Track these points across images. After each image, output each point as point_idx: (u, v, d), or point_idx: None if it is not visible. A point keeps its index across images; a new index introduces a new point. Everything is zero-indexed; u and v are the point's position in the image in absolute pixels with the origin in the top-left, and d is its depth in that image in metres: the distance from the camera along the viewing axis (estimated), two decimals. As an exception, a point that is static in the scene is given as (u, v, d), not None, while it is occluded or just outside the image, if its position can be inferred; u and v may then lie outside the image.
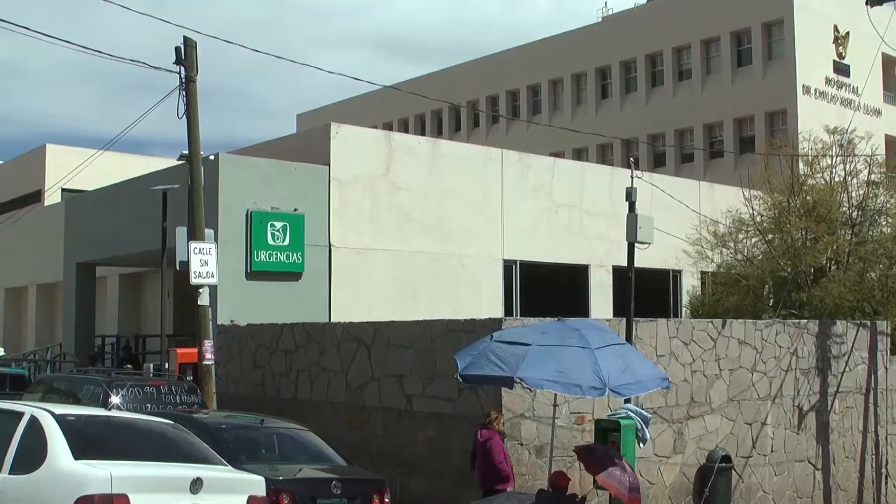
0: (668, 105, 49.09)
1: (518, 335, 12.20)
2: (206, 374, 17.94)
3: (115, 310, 36.31)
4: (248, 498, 9.47)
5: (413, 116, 61.26)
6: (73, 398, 17.01)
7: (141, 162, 41.74)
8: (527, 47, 56.25)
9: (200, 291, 17.99)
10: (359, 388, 17.15)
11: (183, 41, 18.14)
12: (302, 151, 24.98)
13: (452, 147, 28.99)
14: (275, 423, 13.66)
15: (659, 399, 15.93)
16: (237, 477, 9.89)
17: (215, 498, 9.09)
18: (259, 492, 9.70)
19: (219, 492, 9.21)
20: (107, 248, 28.88)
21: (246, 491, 9.55)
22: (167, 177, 24.27)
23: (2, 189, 50.23)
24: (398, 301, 24.57)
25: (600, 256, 29.25)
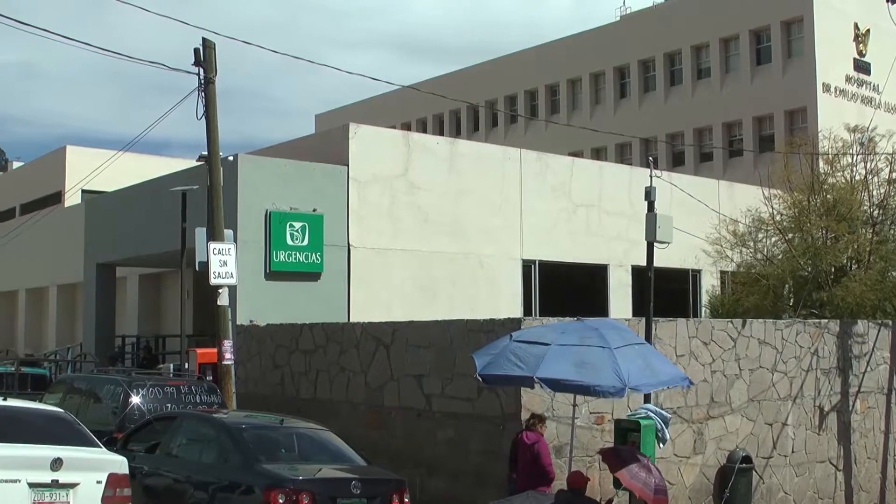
0: (687, 104, 48.93)
1: (537, 335, 12.16)
2: (226, 374, 17.97)
3: (135, 310, 36.47)
4: (109, 475, 10.67)
5: (431, 116, 61.28)
6: (94, 398, 17.09)
7: (160, 163, 41.92)
8: (545, 46, 56.18)
9: (220, 292, 18.02)
10: (378, 388, 17.15)
11: (202, 42, 18.18)
12: (320, 152, 25.01)
13: (471, 147, 28.97)
14: (294, 423, 13.67)
15: (678, 399, 15.87)
16: (98, 457, 10.95)
17: (75, 475, 10.32)
18: (119, 470, 10.88)
19: (79, 469, 10.41)
20: (127, 249, 29.00)
21: (106, 469, 10.75)
22: (186, 178, 24.35)
23: (23, 190, 50.53)
24: (417, 301, 24.57)
25: (619, 256, 29.17)
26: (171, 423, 13.47)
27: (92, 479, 10.51)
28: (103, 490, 10.52)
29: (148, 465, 12.89)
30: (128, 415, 15.63)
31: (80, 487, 10.34)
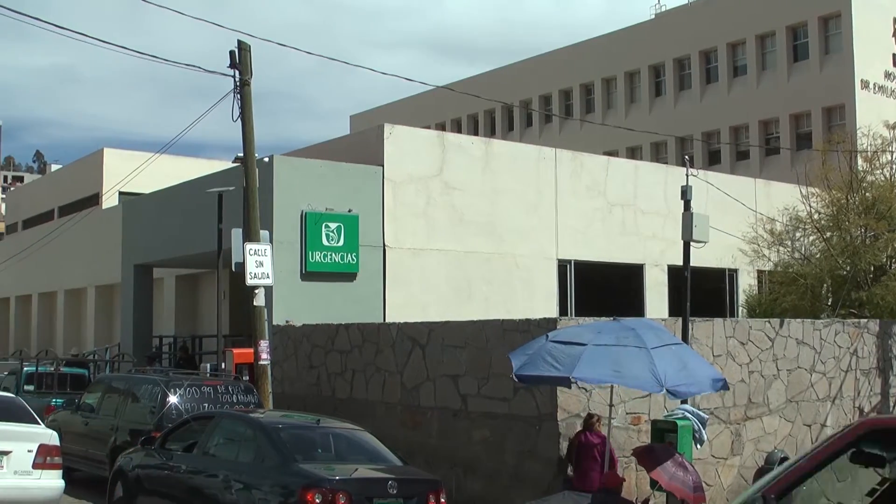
0: (722, 102, 48.64)
1: (573, 335, 12.13)
2: (262, 373, 18.07)
3: (172, 310, 36.71)
4: (39, 445, 12.63)
5: (466, 116, 61.29)
6: (132, 398, 17.24)
7: (196, 164, 42.20)
8: (579, 46, 56.05)
9: (256, 292, 18.12)
10: (414, 388, 17.17)
11: (237, 45, 18.29)
12: (355, 152, 25.07)
13: (506, 147, 28.92)
14: (331, 423, 13.70)
15: (716, 400, 15.77)
16: (30, 431, 12.85)
17: (7, 444, 12.30)
18: (49, 441, 12.88)
19: (11, 440, 12.32)
20: (163, 250, 29.20)
21: (37, 440, 12.68)
22: (222, 179, 24.48)
23: (61, 193, 51.04)
24: (452, 301, 24.57)
25: (655, 256, 29.03)
26: (209, 423, 13.53)
27: (23, 448, 12.38)
28: (34, 457, 12.42)
29: (185, 464, 12.97)
30: (165, 414, 15.75)
31: (12, 455, 12.26)
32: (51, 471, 12.62)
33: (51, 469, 12.60)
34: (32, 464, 12.35)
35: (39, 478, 12.47)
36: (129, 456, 14.31)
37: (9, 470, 12.06)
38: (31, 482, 12.31)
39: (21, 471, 12.27)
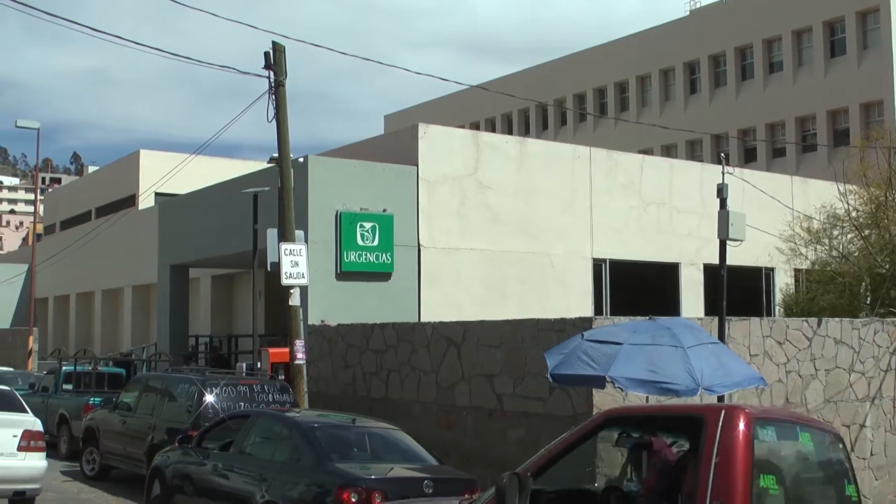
0: (758, 99, 48.29)
1: (609, 334, 12.06)
2: (298, 373, 18.12)
3: (208, 310, 36.96)
4: (23, 431, 13.96)
5: (500, 115, 61.23)
6: (169, 396, 17.36)
7: (232, 165, 42.46)
8: (613, 44, 55.85)
9: (291, 292, 18.18)
10: (449, 387, 17.16)
11: (271, 46, 18.35)
12: (390, 152, 25.11)
13: (540, 146, 28.88)
14: (366, 423, 13.72)
15: (752, 400, 15.64)
16: (16, 418, 14.16)
17: None
18: (33, 427, 14.26)
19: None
20: (199, 250, 29.38)
21: (21, 426, 14.01)
22: (257, 179, 24.60)
23: (98, 194, 51.49)
24: (487, 300, 24.55)
25: (691, 254, 28.87)
26: (245, 422, 13.60)
27: (9, 433, 13.77)
28: (18, 441, 13.78)
29: (222, 463, 13.04)
30: (202, 413, 15.84)
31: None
32: (34, 453, 14.04)
33: (34, 451, 14.02)
34: (17, 447, 13.72)
35: (24, 459, 13.83)
36: (166, 454, 14.40)
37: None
38: (16, 462, 13.72)
39: (6, 453, 13.66)
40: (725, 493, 5.94)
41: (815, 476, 7.13)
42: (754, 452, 6.17)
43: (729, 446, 6.07)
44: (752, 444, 6.16)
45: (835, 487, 7.09)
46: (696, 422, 6.37)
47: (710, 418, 6.25)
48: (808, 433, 6.99)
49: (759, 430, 6.36)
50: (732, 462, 6.02)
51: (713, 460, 6.04)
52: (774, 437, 6.58)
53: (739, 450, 6.07)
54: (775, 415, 7.31)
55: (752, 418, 6.29)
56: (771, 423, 6.62)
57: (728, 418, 6.20)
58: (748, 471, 6.05)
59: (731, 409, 6.38)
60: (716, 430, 6.16)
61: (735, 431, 6.13)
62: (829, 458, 7.20)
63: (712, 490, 5.97)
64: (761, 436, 6.37)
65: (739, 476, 5.99)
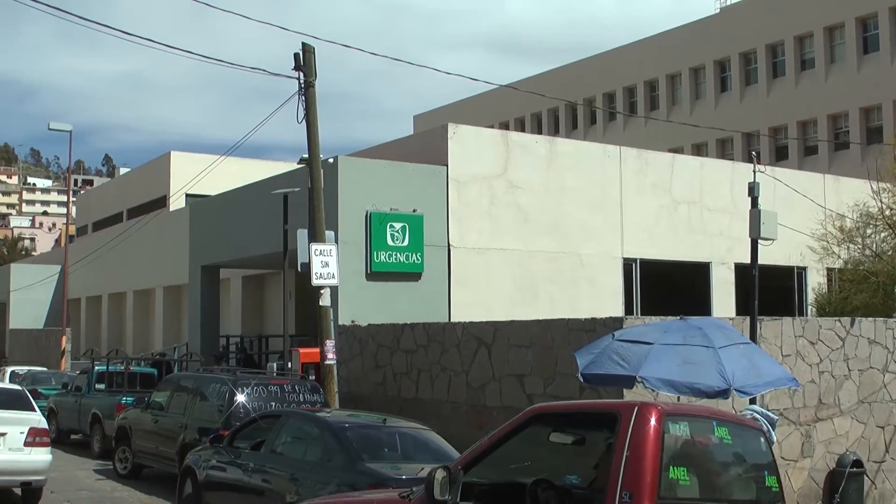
0: (790, 96, 47.94)
1: (640, 334, 12.00)
2: (329, 373, 18.16)
3: (239, 311, 37.12)
4: (29, 428, 15.25)
5: (529, 115, 61.15)
6: (201, 396, 17.45)
7: (262, 166, 42.63)
8: (643, 42, 55.64)
9: (322, 292, 18.22)
10: (480, 387, 17.16)
11: (301, 47, 18.40)
12: (419, 152, 25.13)
13: (570, 145, 28.80)
14: (397, 423, 13.73)
15: (785, 400, 15.54)
16: (23, 416, 15.50)
17: (3, 427, 15.00)
18: (38, 425, 15.52)
19: (7, 424, 15.07)
20: (230, 251, 29.51)
21: (28, 424, 15.32)
22: (288, 180, 24.68)
23: (130, 195, 51.86)
24: (517, 300, 24.53)
25: (722, 254, 28.71)
26: (276, 422, 13.64)
27: (17, 430, 15.15)
28: (25, 437, 15.14)
29: (253, 462, 13.09)
30: (233, 413, 15.91)
31: (8, 435, 15.06)
32: (39, 448, 15.36)
33: (39, 446, 15.35)
34: (24, 442, 15.13)
35: (30, 453, 15.23)
36: (197, 453, 14.47)
37: (4, 447, 15.00)
38: (23, 457, 15.15)
39: (14, 448, 15.09)
40: (634, 484, 6.27)
41: (734, 468, 7.48)
42: (664, 446, 6.49)
43: (639, 440, 6.41)
44: (661, 438, 6.48)
45: (755, 479, 7.49)
46: (612, 417, 6.70)
47: (623, 414, 6.60)
48: (726, 428, 7.32)
49: (671, 425, 6.68)
50: (641, 455, 6.36)
51: (624, 453, 6.37)
52: (687, 432, 6.86)
53: (649, 443, 6.41)
54: (689, 410, 7.62)
55: (663, 414, 6.61)
56: (684, 418, 6.94)
57: (640, 414, 6.54)
58: (656, 463, 6.38)
59: (643, 405, 6.68)
60: (628, 426, 6.49)
61: (646, 426, 6.47)
62: (748, 452, 7.54)
63: (623, 481, 6.30)
64: (673, 430, 6.68)
65: (648, 468, 6.33)
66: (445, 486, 6.86)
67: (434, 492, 6.88)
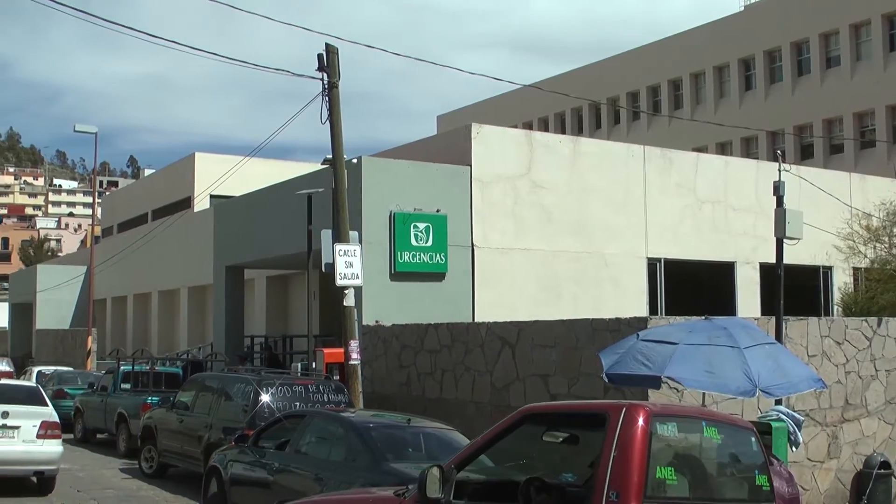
0: (815, 94, 47.64)
1: (664, 334, 11.96)
2: (353, 373, 18.19)
3: (263, 311, 37.23)
4: (41, 421, 16.45)
5: (553, 115, 61.03)
6: (225, 396, 17.52)
7: (286, 167, 42.69)
8: (667, 41, 55.43)
9: (346, 292, 18.25)
10: (504, 387, 17.15)
11: (325, 48, 18.43)
12: (443, 152, 25.13)
13: (593, 145, 28.75)
14: (421, 423, 13.72)
15: (811, 401, 15.45)
16: (35, 410, 16.76)
17: (17, 420, 16.28)
18: (49, 418, 16.70)
19: (20, 417, 16.36)
20: (254, 252, 29.61)
21: (40, 417, 16.54)
22: (312, 181, 24.74)
23: (154, 196, 52.08)
24: (541, 300, 24.49)
25: (747, 253, 28.58)
26: (301, 422, 13.67)
27: (30, 423, 16.39)
28: (37, 430, 16.34)
29: (278, 462, 13.12)
30: (258, 412, 15.95)
31: (21, 428, 16.31)
32: (51, 440, 16.53)
33: (51, 438, 16.52)
34: (36, 435, 16.36)
35: (42, 445, 16.40)
36: (222, 453, 14.52)
37: (19, 440, 16.29)
38: (36, 448, 16.35)
39: (28, 440, 16.32)
40: (621, 483, 6.41)
41: (724, 468, 7.60)
42: (651, 446, 6.62)
43: (626, 440, 6.56)
44: (648, 439, 6.61)
45: (745, 478, 7.57)
46: (600, 418, 6.85)
47: (612, 415, 6.74)
48: (716, 427, 7.43)
49: (659, 426, 6.80)
50: (628, 455, 6.51)
51: (612, 453, 6.53)
52: (675, 432, 7.01)
53: (636, 444, 6.55)
54: (678, 411, 7.79)
55: (651, 414, 6.75)
56: (672, 419, 7.07)
57: (628, 414, 6.68)
58: (643, 463, 6.52)
59: (630, 406, 6.81)
60: (616, 426, 6.64)
61: (633, 427, 6.61)
62: (739, 452, 7.65)
63: (610, 480, 6.45)
64: (660, 431, 6.82)
65: (634, 467, 6.47)
66: (438, 484, 7.01)
67: (427, 490, 7.04)
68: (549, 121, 61.38)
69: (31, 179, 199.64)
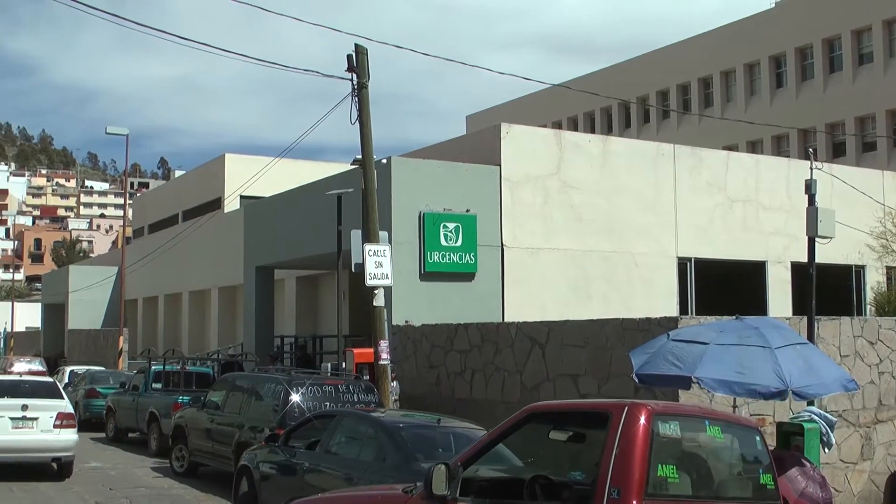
0: (847, 91, 47.24)
1: (695, 334, 11.89)
2: (383, 373, 18.21)
3: (293, 311, 37.35)
4: (58, 413, 18.08)
5: (582, 114, 60.85)
6: (256, 396, 17.58)
7: (315, 167, 42.80)
8: (697, 39, 55.14)
9: (375, 293, 18.27)
10: (534, 387, 17.12)
11: (354, 48, 18.45)
12: (472, 152, 25.13)
13: (623, 144, 28.65)
14: (451, 423, 13.70)
15: (844, 402, 15.32)
16: (52, 403, 18.34)
17: (36, 412, 17.94)
18: (65, 410, 18.34)
19: (38, 410, 17.97)
20: (284, 252, 29.71)
21: (56, 409, 18.14)
22: (341, 181, 24.78)
23: (185, 198, 52.36)
24: (571, 300, 24.45)
25: (778, 252, 28.39)
26: (331, 422, 13.69)
27: (47, 415, 18.01)
28: (54, 420, 17.95)
29: (308, 462, 13.16)
30: (288, 412, 15.99)
31: (39, 419, 17.93)
32: (66, 429, 18.17)
33: (66, 428, 18.17)
34: (53, 425, 17.96)
35: (59, 434, 18.03)
36: (253, 452, 14.58)
37: (37, 429, 17.89)
38: (52, 437, 17.97)
39: (45, 429, 17.92)
40: (622, 481, 6.50)
41: (728, 466, 7.66)
42: (653, 444, 6.70)
43: (628, 439, 6.64)
44: (650, 437, 6.70)
45: (750, 477, 7.64)
46: (603, 417, 6.93)
47: (614, 414, 6.83)
48: (719, 426, 7.51)
49: (661, 425, 6.88)
50: (630, 452, 6.59)
51: (614, 451, 6.62)
52: (678, 431, 7.08)
53: (637, 442, 6.63)
54: (681, 410, 7.85)
55: (653, 413, 6.83)
56: (675, 418, 7.15)
57: (630, 413, 6.77)
58: (644, 461, 6.60)
59: (633, 405, 6.89)
60: (618, 424, 6.72)
61: (635, 425, 6.70)
62: (743, 450, 7.70)
63: (612, 478, 6.53)
64: (662, 429, 6.89)
65: (636, 465, 6.55)
66: (445, 481, 7.10)
67: (433, 486, 7.11)
68: (578, 120, 61.22)
69: (63, 181, 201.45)
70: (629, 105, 57.07)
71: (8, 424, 17.76)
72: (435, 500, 7.19)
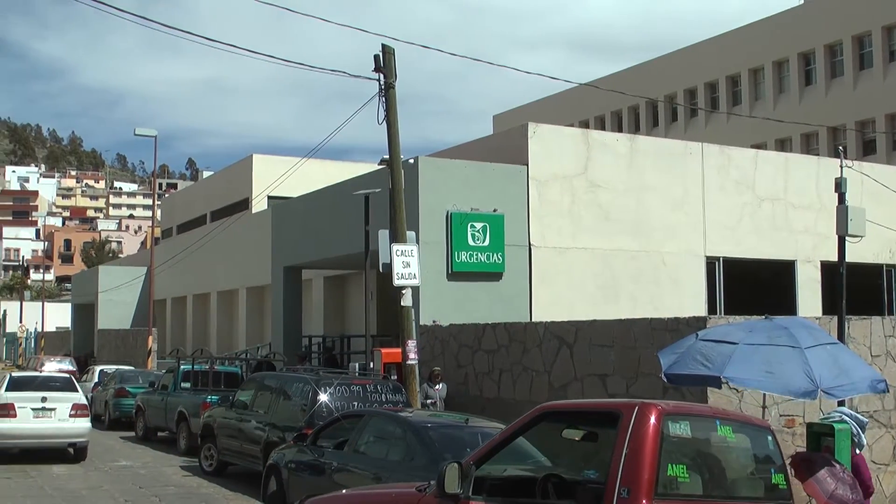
0: (877, 88, 46.85)
1: (724, 333, 11.83)
2: (410, 373, 18.24)
3: (321, 311, 37.42)
4: (73, 404, 20.57)
5: (609, 113, 60.67)
6: (284, 395, 17.63)
7: (343, 168, 42.85)
8: (725, 36, 54.85)
9: (403, 292, 18.29)
10: (561, 387, 17.09)
11: (381, 49, 18.48)
12: (499, 152, 25.11)
13: (651, 143, 28.54)
14: (479, 423, 13.69)
15: (875, 402, 15.20)
16: (68, 395, 20.90)
17: (54, 403, 20.35)
18: (79, 401, 20.91)
19: (56, 402, 20.42)
20: (312, 252, 29.78)
21: (72, 401, 20.67)
22: (369, 181, 24.83)
23: (213, 198, 52.57)
24: (599, 300, 24.38)
25: (807, 251, 28.20)
26: (359, 421, 13.72)
27: (64, 406, 20.44)
28: (69, 411, 20.37)
29: (336, 461, 13.19)
30: (316, 412, 16.04)
31: (57, 410, 20.32)
32: (81, 418, 20.61)
33: (81, 417, 20.61)
34: (69, 414, 20.38)
35: (74, 422, 20.47)
36: (281, 452, 14.63)
37: (55, 418, 20.25)
38: (68, 425, 20.42)
39: (62, 418, 20.31)
40: (632, 480, 6.53)
41: (739, 466, 7.65)
42: (663, 444, 6.73)
43: (638, 438, 6.67)
44: (660, 437, 6.73)
45: (762, 476, 7.64)
46: (614, 416, 6.97)
47: (625, 413, 6.87)
48: (730, 426, 7.53)
49: (671, 424, 6.92)
50: (640, 452, 6.62)
51: (624, 451, 6.65)
52: (688, 431, 7.10)
53: (647, 441, 6.66)
54: (691, 410, 7.83)
55: (663, 413, 6.86)
56: (685, 418, 7.17)
57: (640, 413, 6.80)
58: (654, 460, 6.63)
59: (643, 405, 6.92)
60: (629, 424, 6.75)
61: (645, 425, 6.72)
62: (755, 450, 7.71)
63: (622, 477, 6.56)
64: (673, 429, 6.92)
65: (646, 465, 6.58)
66: (457, 479, 7.13)
67: (446, 485, 7.13)
68: (605, 119, 61.06)
69: (92, 182, 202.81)
70: (657, 104, 56.86)
71: (30, 414, 20.22)
72: (448, 499, 7.23)
